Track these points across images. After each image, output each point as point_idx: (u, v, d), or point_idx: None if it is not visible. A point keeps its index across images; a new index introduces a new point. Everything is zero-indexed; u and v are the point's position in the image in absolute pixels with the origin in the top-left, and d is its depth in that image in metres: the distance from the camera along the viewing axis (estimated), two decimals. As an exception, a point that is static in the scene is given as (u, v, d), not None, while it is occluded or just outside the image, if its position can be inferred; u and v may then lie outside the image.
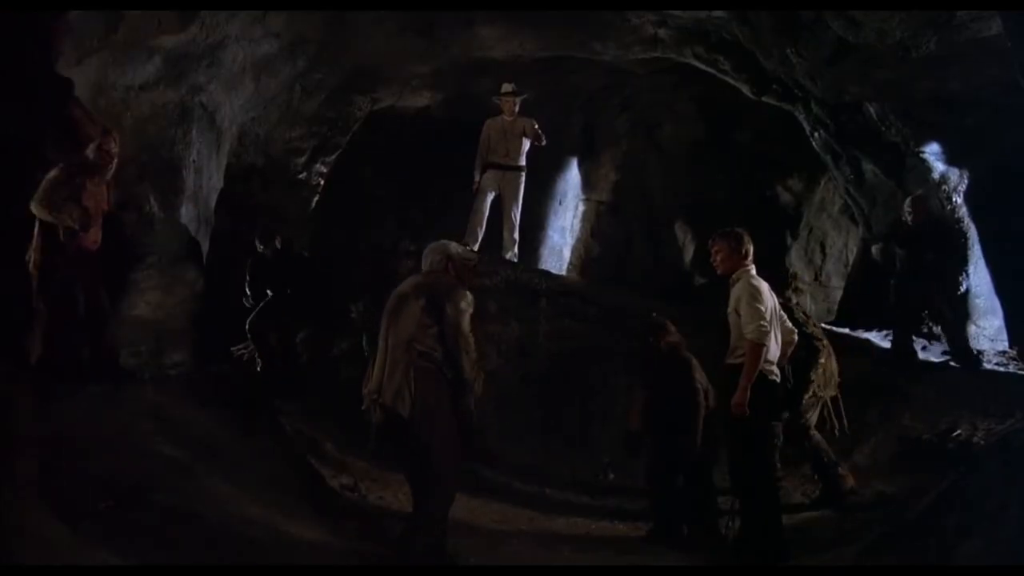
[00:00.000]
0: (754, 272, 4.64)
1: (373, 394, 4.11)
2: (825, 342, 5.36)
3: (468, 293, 4.17)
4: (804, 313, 5.58)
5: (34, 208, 5.02)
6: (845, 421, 5.49)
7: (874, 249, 7.35)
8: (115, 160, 5.34)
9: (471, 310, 4.13)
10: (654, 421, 5.29)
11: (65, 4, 5.07)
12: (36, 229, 5.07)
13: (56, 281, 5.09)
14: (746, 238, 4.68)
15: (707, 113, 10.17)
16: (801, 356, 5.03)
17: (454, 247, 4.43)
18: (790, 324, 4.80)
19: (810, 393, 5.21)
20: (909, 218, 6.93)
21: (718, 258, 4.69)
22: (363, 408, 4.21)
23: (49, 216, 5.01)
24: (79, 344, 5.22)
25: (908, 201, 7.00)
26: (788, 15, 6.68)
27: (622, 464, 6.45)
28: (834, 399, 5.49)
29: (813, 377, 5.20)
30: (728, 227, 4.80)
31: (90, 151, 5.23)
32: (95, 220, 5.16)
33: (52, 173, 5.04)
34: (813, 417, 5.40)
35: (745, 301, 4.47)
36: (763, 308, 4.44)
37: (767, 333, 4.40)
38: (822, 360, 5.25)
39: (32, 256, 5.06)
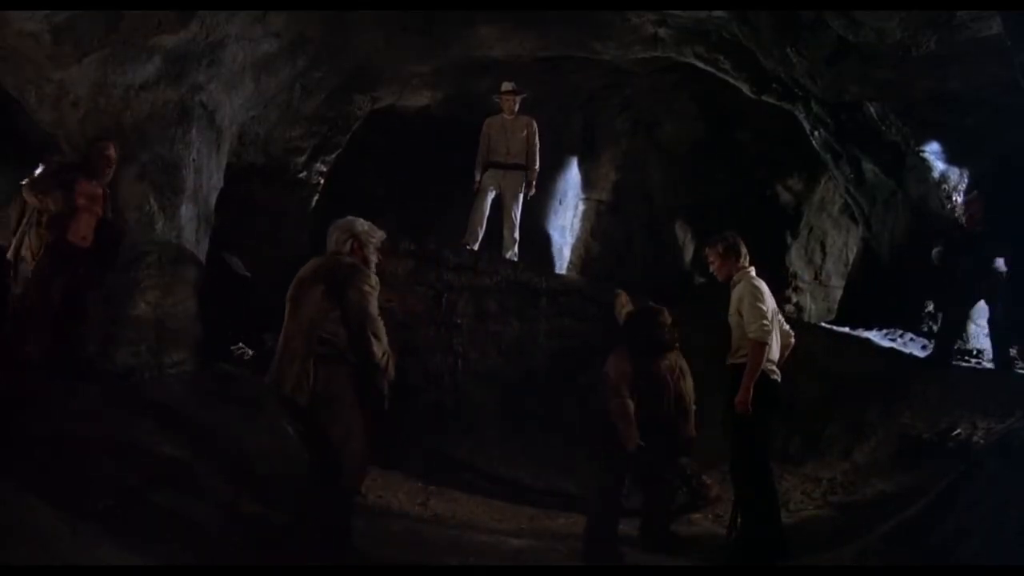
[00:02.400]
0: (753, 272, 4.68)
1: (273, 385, 3.93)
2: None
3: (373, 274, 4.01)
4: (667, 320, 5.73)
5: (24, 192, 5.29)
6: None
7: (934, 254, 6.81)
8: (113, 167, 5.42)
9: (377, 291, 3.96)
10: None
11: (66, 4, 5.06)
12: (24, 221, 5.27)
13: (40, 276, 5.15)
14: (739, 241, 4.73)
15: (707, 112, 10.16)
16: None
17: (360, 224, 4.20)
18: (787, 327, 4.84)
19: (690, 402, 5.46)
20: (964, 220, 6.73)
21: (713, 266, 4.78)
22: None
23: (34, 200, 5.23)
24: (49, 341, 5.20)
25: (961, 202, 6.83)
26: (788, 15, 6.68)
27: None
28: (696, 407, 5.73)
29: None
30: (721, 231, 4.87)
31: (91, 154, 5.35)
32: (82, 216, 5.21)
33: (46, 165, 5.40)
34: (692, 430, 5.52)
35: (747, 301, 4.51)
36: (765, 308, 4.50)
37: (769, 332, 4.47)
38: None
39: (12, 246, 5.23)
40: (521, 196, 8.24)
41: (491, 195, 8.23)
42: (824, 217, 10.68)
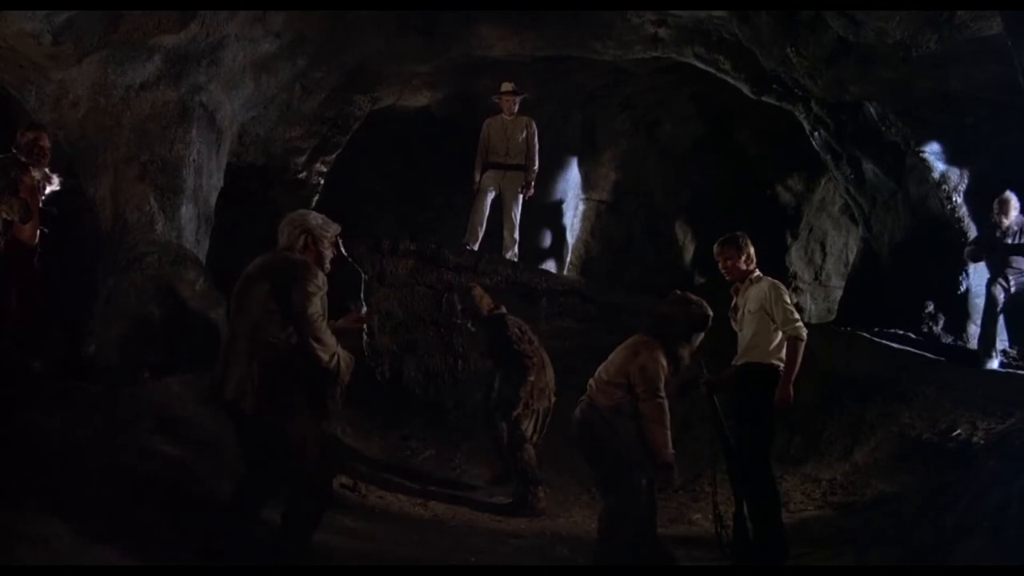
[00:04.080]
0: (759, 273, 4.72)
1: (215, 388, 3.69)
2: (535, 359, 5.81)
3: (320, 273, 3.73)
4: (519, 329, 5.94)
5: None
6: (539, 435, 5.88)
7: (967, 251, 7.04)
8: (48, 156, 5.12)
9: (322, 292, 3.68)
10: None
11: (66, 4, 5.06)
12: None
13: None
14: (749, 241, 4.76)
15: (707, 112, 10.16)
16: (514, 372, 5.75)
17: (314, 218, 3.90)
18: None
19: (522, 407, 5.71)
20: (999, 219, 6.78)
21: (729, 264, 4.74)
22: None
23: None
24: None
25: (996, 202, 6.85)
26: (788, 15, 6.68)
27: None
28: (546, 409, 5.89)
29: (522, 394, 5.72)
30: (730, 231, 4.85)
31: (23, 145, 5.01)
32: (33, 215, 4.97)
33: None
34: (529, 428, 5.80)
35: (774, 301, 4.56)
36: (791, 307, 4.57)
37: (803, 328, 4.54)
38: (531, 377, 5.75)
39: None
40: (521, 196, 8.25)
41: (491, 195, 8.24)
42: (824, 217, 10.68)
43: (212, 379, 3.75)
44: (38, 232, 5.06)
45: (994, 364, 6.62)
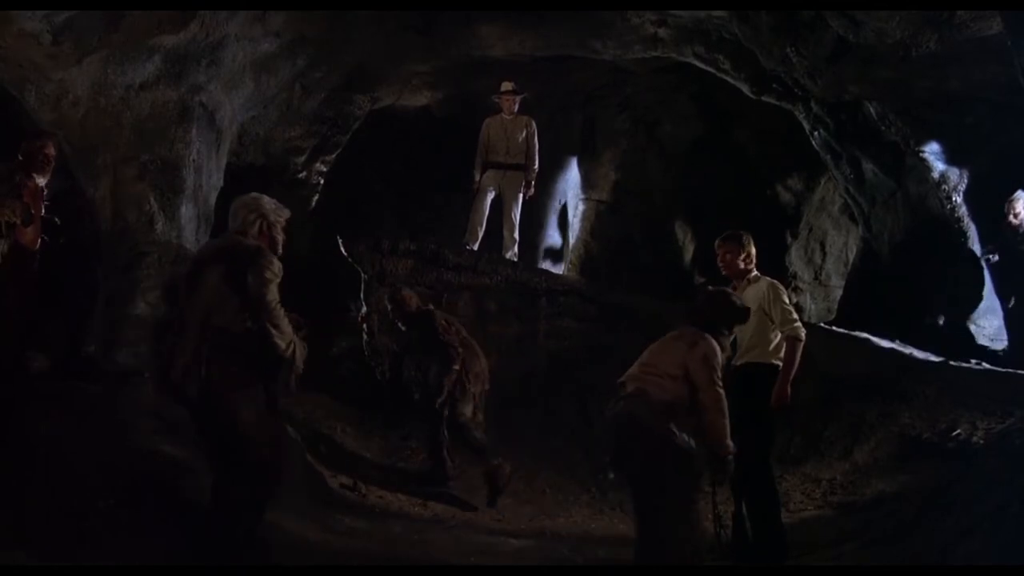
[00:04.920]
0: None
1: (160, 371, 3.62)
2: (461, 349, 6.09)
3: (276, 260, 3.66)
4: (445, 321, 6.26)
5: None
6: (481, 415, 6.14)
7: (984, 252, 7.11)
8: (52, 164, 5.15)
9: (279, 278, 3.63)
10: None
11: (66, 4, 5.06)
12: None
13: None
14: (752, 242, 4.78)
15: (707, 112, 10.16)
16: (437, 361, 6.07)
17: (267, 202, 3.84)
18: None
19: (445, 394, 5.97)
20: (1015, 219, 6.81)
21: (728, 259, 4.75)
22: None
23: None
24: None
25: (1008, 204, 6.84)
26: (788, 14, 6.68)
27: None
28: (482, 392, 6.19)
29: (445, 382, 5.96)
30: (734, 229, 4.86)
31: (29, 152, 5.04)
32: (35, 219, 4.98)
33: None
34: (469, 410, 6.06)
35: (773, 301, 4.57)
36: (790, 307, 4.59)
37: (802, 328, 4.56)
38: (456, 366, 6.00)
39: None
40: (520, 196, 8.25)
41: (491, 195, 8.24)
42: (824, 217, 10.68)
43: (157, 363, 3.67)
44: (39, 238, 5.08)
45: None
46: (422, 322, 6.29)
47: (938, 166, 7.57)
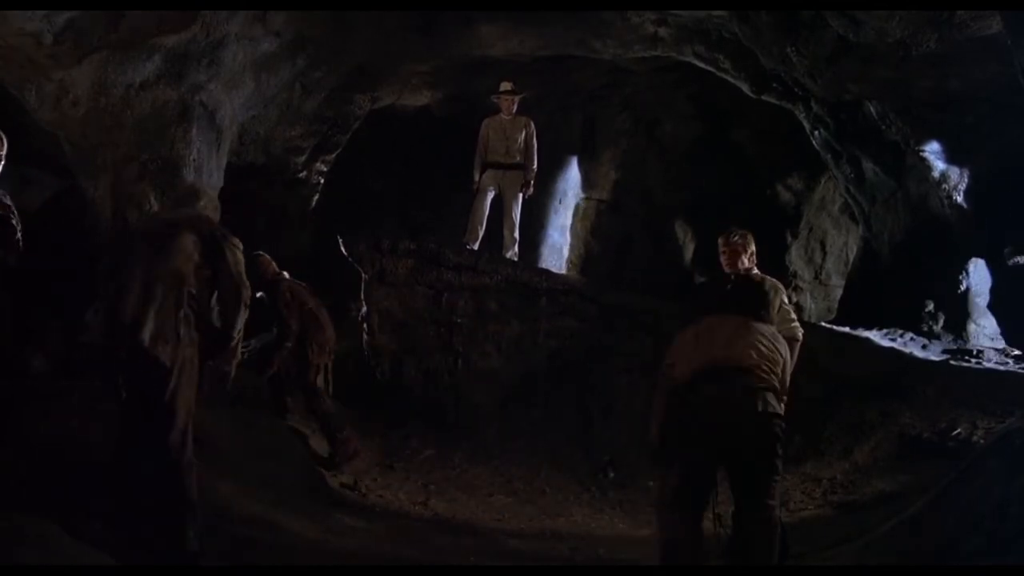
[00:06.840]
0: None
1: (125, 326, 3.44)
2: (295, 325, 6.08)
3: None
4: (290, 294, 6.15)
5: None
6: (331, 386, 6.30)
7: (1007, 252, 7.10)
8: (3, 162, 4.81)
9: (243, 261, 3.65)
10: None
11: (66, 4, 5.06)
12: None
13: None
14: (754, 243, 4.80)
15: (707, 111, 10.16)
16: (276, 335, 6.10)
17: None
18: None
19: (275, 368, 6.08)
20: None
21: (731, 254, 4.76)
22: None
23: None
24: None
25: None
26: (788, 14, 6.68)
27: (622, 462, 6.46)
28: (327, 366, 6.26)
29: (275, 356, 6.04)
30: (737, 226, 4.88)
31: None
32: None
33: None
34: (320, 380, 6.18)
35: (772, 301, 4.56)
36: (789, 307, 4.66)
37: (800, 329, 4.61)
38: (288, 343, 6.03)
39: None
40: (520, 196, 8.25)
41: (491, 195, 8.24)
42: (824, 217, 10.68)
43: (106, 306, 3.57)
44: (15, 237, 4.95)
45: None
46: (270, 291, 6.16)
47: (938, 166, 7.56)
